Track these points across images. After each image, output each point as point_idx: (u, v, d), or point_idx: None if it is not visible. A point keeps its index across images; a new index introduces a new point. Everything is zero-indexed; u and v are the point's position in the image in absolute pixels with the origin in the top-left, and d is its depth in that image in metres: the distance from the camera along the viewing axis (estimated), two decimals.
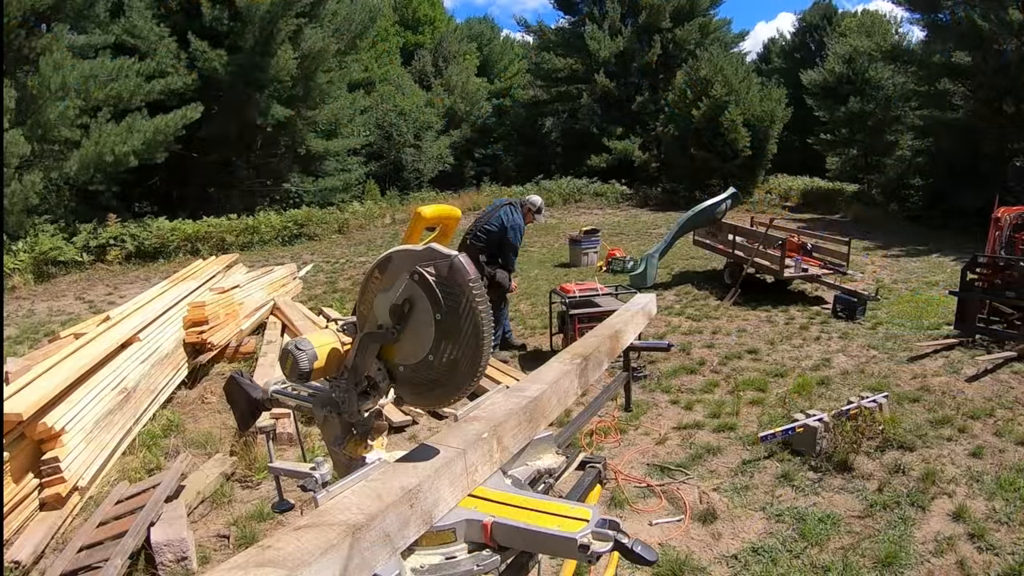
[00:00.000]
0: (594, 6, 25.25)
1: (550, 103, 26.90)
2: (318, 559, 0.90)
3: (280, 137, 17.99)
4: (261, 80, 15.99)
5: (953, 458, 4.16)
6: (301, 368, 1.26)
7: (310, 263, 12.21)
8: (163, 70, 14.61)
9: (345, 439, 1.37)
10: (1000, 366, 5.59)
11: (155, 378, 5.15)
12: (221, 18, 15.35)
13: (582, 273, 10.48)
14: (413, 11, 32.32)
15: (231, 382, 1.53)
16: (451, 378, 1.22)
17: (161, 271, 11.69)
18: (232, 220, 14.47)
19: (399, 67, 28.00)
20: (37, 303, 9.78)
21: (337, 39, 17.81)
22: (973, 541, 3.30)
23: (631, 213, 19.05)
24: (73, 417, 3.94)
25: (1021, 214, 6.94)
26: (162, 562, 3.12)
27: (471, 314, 1.16)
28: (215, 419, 5.06)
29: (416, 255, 1.20)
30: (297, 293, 8.89)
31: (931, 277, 9.77)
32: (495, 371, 5.60)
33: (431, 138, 24.57)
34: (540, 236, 14.56)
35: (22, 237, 11.74)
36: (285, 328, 6.83)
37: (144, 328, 5.55)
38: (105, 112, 13.03)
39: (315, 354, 1.28)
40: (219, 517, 3.73)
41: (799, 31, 32.76)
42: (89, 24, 13.31)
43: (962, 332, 6.24)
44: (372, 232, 16.77)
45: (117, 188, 14.60)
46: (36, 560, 3.28)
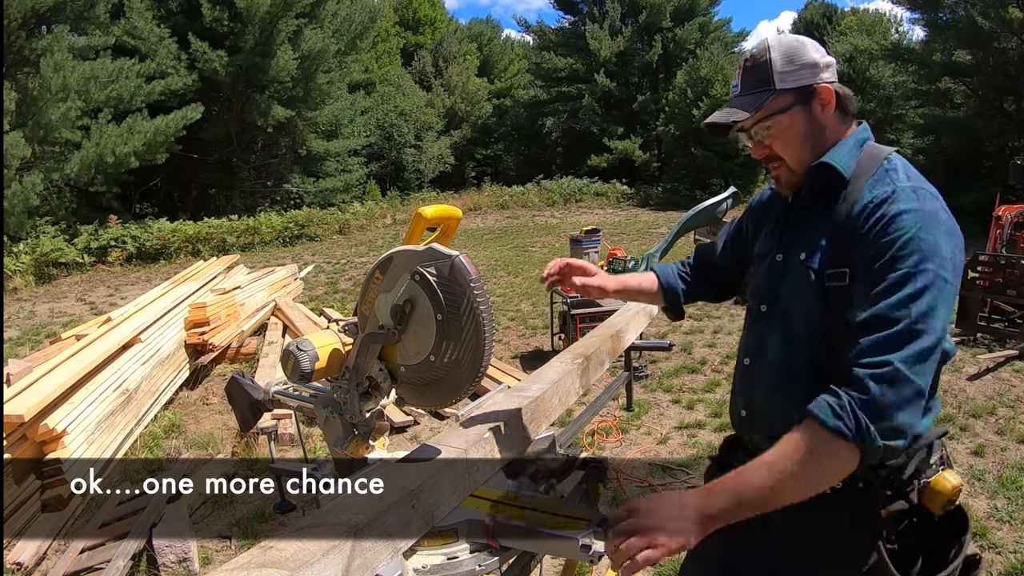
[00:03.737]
0: (594, 6, 25.25)
1: (550, 103, 26.89)
2: (320, 559, 0.90)
3: (281, 138, 18.01)
4: (261, 81, 16.01)
5: (954, 457, 4.15)
6: (302, 369, 1.26)
7: (311, 264, 12.22)
8: (163, 71, 14.63)
9: (347, 440, 1.37)
10: (1001, 364, 5.59)
11: (156, 379, 5.15)
12: (221, 19, 15.36)
13: None
14: (413, 12, 32.32)
15: (232, 383, 1.53)
16: (452, 378, 1.22)
17: (162, 272, 11.69)
18: (233, 221, 14.48)
19: (399, 68, 28.02)
20: (38, 305, 9.79)
21: (337, 40, 17.83)
22: (975, 540, 3.30)
23: (632, 213, 19.05)
24: (75, 419, 3.94)
25: (1022, 212, 6.93)
26: (164, 563, 3.12)
27: (472, 314, 1.16)
28: (216, 420, 5.06)
29: (417, 255, 1.20)
30: (298, 294, 8.89)
31: None
32: (496, 371, 5.60)
33: (432, 138, 24.59)
34: (541, 236, 14.56)
35: (23, 239, 11.75)
36: (286, 329, 6.83)
37: (145, 329, 5.55)
38: (106, 113, 13.05)
39: (316, 355, 1.28)
40: (221, 518, 3.73)
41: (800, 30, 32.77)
42: (89, 25, 13.33)
43: (963, 331, 6.23)
44: (373, 233, 16.78)
45: (118, 189, 14.62)
46: (38, 562, 3.28)
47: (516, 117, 29.04)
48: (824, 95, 1.26)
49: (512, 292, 9.43)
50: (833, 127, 1.28)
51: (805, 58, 1.27)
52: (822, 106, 1.27)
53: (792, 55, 1.28)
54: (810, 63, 1.27)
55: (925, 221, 1.10)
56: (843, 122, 1.30)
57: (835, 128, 1.29)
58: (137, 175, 14.74)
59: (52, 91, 11.49)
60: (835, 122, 1.29)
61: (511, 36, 41.03)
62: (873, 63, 20.88)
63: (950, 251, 1.10)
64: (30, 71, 11.70)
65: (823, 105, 1.27)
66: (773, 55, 1.28)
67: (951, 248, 1.11)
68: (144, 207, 16.10)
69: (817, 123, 1.28)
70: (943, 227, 1.12)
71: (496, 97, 30.76)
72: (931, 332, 1.06)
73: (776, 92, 1.27)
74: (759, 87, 1.28)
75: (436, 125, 25.00)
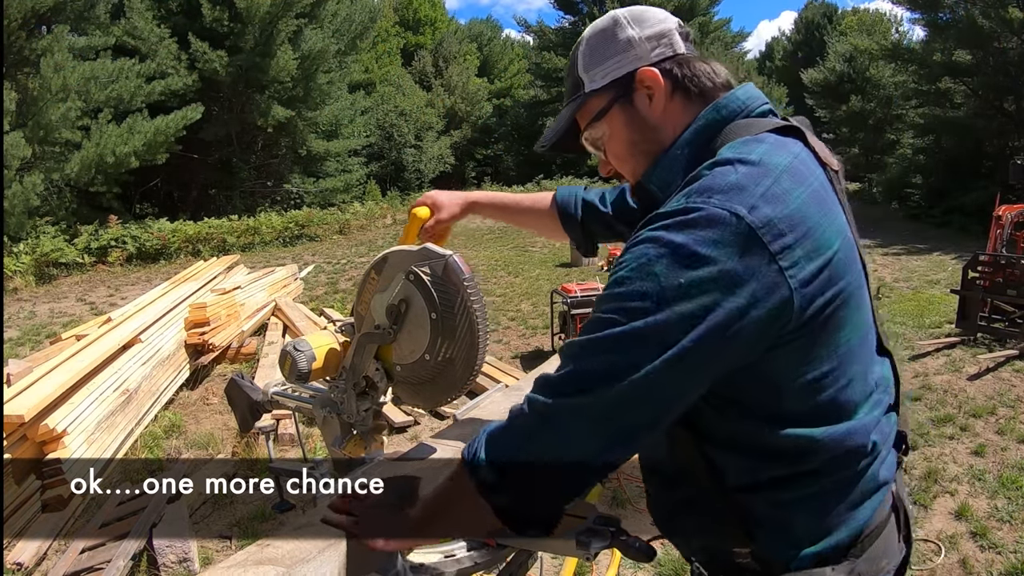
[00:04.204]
0: (594, 6, 25.26)
1: (551, 103, 26.90)
2: (317, 556, 0.91)
3: (281, 138, 18.03)
4: (261, 81, 16.03)
5: (955, 456, 4.15)
6: (299, 369, 1.26)
7: (311, 264, 12.22)
8: (163, 71, 14.65)
9: (345, 439, 1.37)
10: (1002, 364, 5.59)
11: (157, 379, 5.15)
12: (221, 19, 15.38)
13: (583, 273, 10.48)
14: (413, 12, 32.36)
15: (231, 384, 1.53)
16: (447, 376, 1.23)
17: (162, 272, 11.70)
18: (233, 221, 14.49)
19: (399, 68, 28.06)
20: (38, 305, 9.79)
21: (337, 40, 17.85)
22: (975, 540, 3.29)
23: None
24: (75, 419, 3.95)
25: (1022, 212, 6.92)
26: (164, 563, 3.12)
27: (466, 313, 1.16)
28: (217, 420, 5.07)
29: (412, 255, 1.20)
30: (298, 294, 8.89)
31: (932, 275, 9.76)
32: (496, 370, 5.60)
33: (432, 138, 24.62)
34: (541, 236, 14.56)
35: (23, 239, 11.76)
36: (286, 329, 6.83)
37: (145, 329, 5.55)
38: (106, 113, 13.06)
39: (313, 355, 1.29)
40: (221, 518, 3.74)
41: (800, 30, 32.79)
42: (89, 26, 13.35)
43: (963, 330, 6.23)
44: (373, 233, 16.79)
45: (118, 189, 14.64)
46: (38, 562, 3.28)
47: (516, 117, 29.07)
48: (647, 80, 0.94)
49: (512, 292, 9.44)
50: (672, 119, 0.95)
51: (617, 40, 0.97)
52: (648, 97, 0.95)
53: (598, 42, 0.99)
54: (623, 43, 0.96)
55: (651, 256, 0.77)
56: (689, 108, 0.95)
57: (675, 119, 0.95)
58: (137, 175, 14.75)
59: (52, 91, 11.50)
60: (676, 111, 0.95)
61: (511, 36, 41.11)
62: (873, 63, 20.89)
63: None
64: (30, 71, 11.72)
65: (649, 95, 0.95)
66: (580, 48, 1.02)
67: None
68: (144, 207, 16.12)
69: (644, 123, 0.96)
70: (672, 260, 0.76)
71: (496, 97, 30.80)
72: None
73: (585, 96, 0.99)
74: (573, 92, 1.02)
75: (436, 125, 25.03)
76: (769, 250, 0.75)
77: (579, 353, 0.80)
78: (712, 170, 0.81)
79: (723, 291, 0.74)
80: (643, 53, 0.96)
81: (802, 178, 0.82)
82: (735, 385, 0.83)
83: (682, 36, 0.98)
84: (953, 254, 11.39)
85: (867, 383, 0.92)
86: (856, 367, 0.88)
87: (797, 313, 0.78)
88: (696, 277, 0.74)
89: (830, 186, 0.89)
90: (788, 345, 0.80)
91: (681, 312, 0.74)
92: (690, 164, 0.89)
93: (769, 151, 0.83)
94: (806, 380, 0.83)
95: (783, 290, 0.76)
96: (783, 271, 0.76)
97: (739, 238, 0.75)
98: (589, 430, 0.79)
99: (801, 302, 0.78)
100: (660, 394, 0.78)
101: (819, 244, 0.79)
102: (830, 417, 0.86)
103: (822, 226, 0.80)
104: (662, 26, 0.97)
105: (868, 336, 0.94)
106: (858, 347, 0.89)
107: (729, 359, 0.79)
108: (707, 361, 0.77)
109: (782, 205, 0.77)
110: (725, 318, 0.75)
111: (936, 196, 16.04)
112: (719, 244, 0.75)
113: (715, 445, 0.89)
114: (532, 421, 0.81)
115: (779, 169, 0.80)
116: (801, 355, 0.82)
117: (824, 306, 0.80)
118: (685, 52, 0.97)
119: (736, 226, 0.75)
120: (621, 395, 0.76)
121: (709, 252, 0.75)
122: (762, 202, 0.77)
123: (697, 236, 0.75)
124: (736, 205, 0.76)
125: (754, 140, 0.85)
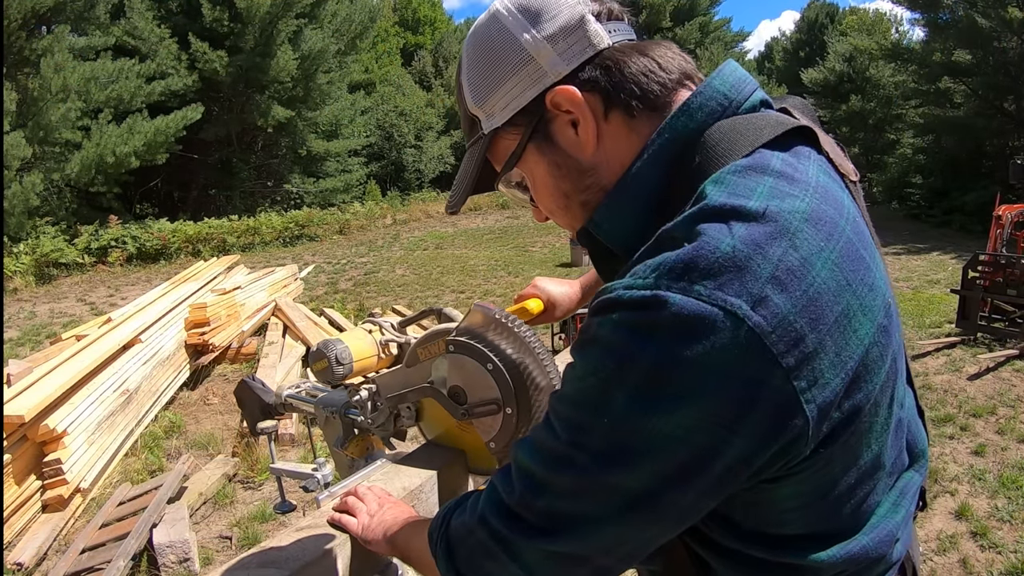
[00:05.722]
0: None
1: None
2: (320, 559, 0.90)
3: (281, 138, 18.04)
4: (261, 81, 16.04)
5: (955, 456, 4.15)
6: (336, 376, 1.21)
7: (311, 264, 12.22)
8: (164, 71, 14.66)
9: (347, 440, 1.37)
10: (1002, 364, 5.59)
11: (157, 379, 5.15)
12: (221, 19, 15.40)
13: (583, 272, 10.47)
14: (413, 12, 32.37)
15: (242, 386, 1.51)
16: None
17: (162, 273, 11.70)
18: (233, 221, 14.50)
19: (399, 68, 28.06)
20: (39, 305, 9.79)
21: (337, 40, 17.86)
22: (976, 539, 3.29)
23: None
24: (75, 419, 3.95)
25: (1022, 212, 6.93)
26: (164, 563, 3.12)
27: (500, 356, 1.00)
28: (217, 420, 5.06)
29: (447, 331, 1.08)
30: (298, 294, 8.89)
31: (932, 275, 9.76)
32: None
33: (432, 138, 24.63)
34: (541, 236, 14.56)
35: (23, 239, 11.77)
36: (287, 329, 6.83)
37: (146, 330, 5.55)
38: (106, 114, 13.07)
39: (352, 368, 1.23)
40: (221, 518, 3.74)
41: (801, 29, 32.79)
42: (90, 26, 13.36)
43: (964, 330, 6.23)
44: (373, 233, 16.79)
45: (118, 190, 14.66)
46: (39, 562, 3.28)
47: None
48: (563, 104, 0.66)
49: (512, 292, 9.44)
50: (613, 150, 0.67)
51: (507, 51, 0.67)
52: (572, 124, 0.67)
53: (483, 60, 0.70)
54: (516, 55, 0.67)
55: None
56: (637, 127, 0.66)
57: (619, 150, 0.67)
58: (137, 175, 14.76)
59: (52, 91, 11.51)
60: (617, 137, 0.67)
61: None
62: (873, 63, 20.91)
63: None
64: (30, 71, 11.72)
65: (573, 122, 0.67)
66: (462, 71, 0.73)
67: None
68: (144, 207, 16.13)
69: (575, 164, 0.68)
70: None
71: None
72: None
73: (486, 137, 0.71)
74: (470, 132, 0.75)
75: (436, 125, 25.03)
76: (781, 366, 0.52)
77: (536, 474, 0.61)
78: (694, 228, 0.55)
79: (710, 435, 0.53)
80: (548, 63, 0.66)
81: (829, 228, 0.56)
82: (724, 504, 0.62)
83: (602, 17, 0.68)
84: (953, 254, 11.39)
85: (894, 468, 0.69)
86: (882, 469, 0.66)
87: (811, 441, 0.56)
88: (673, 422, 0.53)
89: (857, 212, 0.63)
90: (794, 477, 0.60)
91: (652, 469, 0.55)
92: (659, 202, 0.64)
93: (777, 189, 0.57)
94: (813, 505, 0.63)
95: (797, 420, 0.54)
96: (798, 395, 0.53)
97: (738, 352, 0.51)
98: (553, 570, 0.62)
99: (817, 428, 0.55)
100: (629, 541, 0.60)
101: (850, 339, 0.55)
102: (845, 533, 0.66)
103: (854, 308, 0.55)
104: (568, 13, 0.66)
105: (900, 408, 0.68)
106: (888, 440, 0.65)
107: (716, 500, 0.60)
108: (685, 513, 0.60)
109: (801, 286, 0.53)
110: (712, 470, 0.55)
111: (936, 196, 16.06)
112: (707, 366, 0.51)
113: (707, 549, 0.70)
114: (491, 549, 0.64)
115: (796, 221, 0.55)
116: (810, 485, 0.61)
117: (849, 421, 0.58)
118: (609, 44, 0.67)
119: (733, 333, 0.51)
120: (586, 542, 0.60)
121: (692, 380, 0.52)
122: (772, 288, 0.52)
123: (675, 351, 0.51)
124: (733, 299, 0.51)
125: (753, 168, 0.59)
